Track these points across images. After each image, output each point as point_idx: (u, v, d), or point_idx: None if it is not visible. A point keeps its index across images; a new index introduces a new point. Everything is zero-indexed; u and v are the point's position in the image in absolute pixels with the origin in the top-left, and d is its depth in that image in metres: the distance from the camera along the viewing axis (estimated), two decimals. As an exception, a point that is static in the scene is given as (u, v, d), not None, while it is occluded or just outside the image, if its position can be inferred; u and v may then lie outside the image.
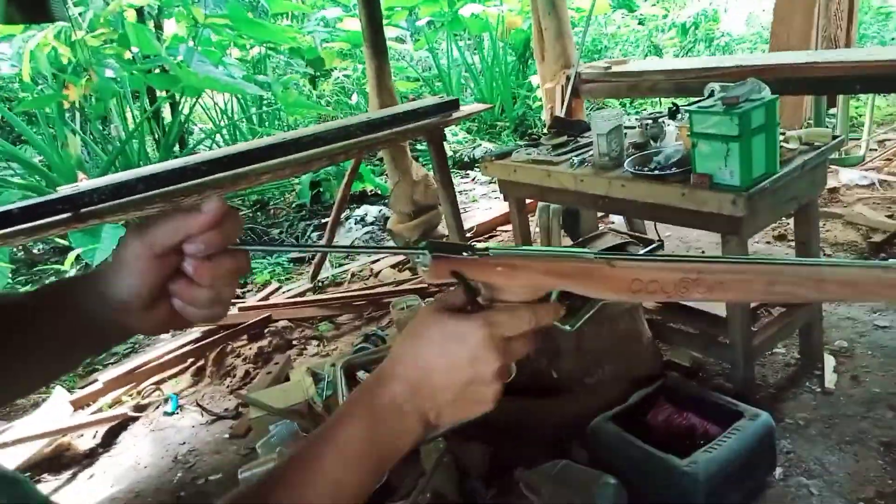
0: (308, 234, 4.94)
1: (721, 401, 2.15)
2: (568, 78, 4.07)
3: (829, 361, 2.55)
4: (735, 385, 2.35)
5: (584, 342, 2.38)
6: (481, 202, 5.23)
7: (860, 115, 4.85)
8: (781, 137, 2.21)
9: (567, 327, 0.65)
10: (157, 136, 5.72)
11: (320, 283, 3.85)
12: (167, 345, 3.41)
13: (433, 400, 0.58)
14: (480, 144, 6.32)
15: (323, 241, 3.99)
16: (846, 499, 1.97)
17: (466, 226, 4.32)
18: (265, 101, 6.12)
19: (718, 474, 1.88)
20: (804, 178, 2.19)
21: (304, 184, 5.33)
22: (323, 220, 5.10)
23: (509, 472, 2.16)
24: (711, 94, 2.24)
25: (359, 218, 4.98)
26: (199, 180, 2.74)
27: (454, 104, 3.56)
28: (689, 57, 7.87)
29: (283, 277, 4.18)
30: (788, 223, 3.55)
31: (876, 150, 4.71)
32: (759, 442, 1.99)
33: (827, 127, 4.73)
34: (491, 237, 4.44)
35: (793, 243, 3.27)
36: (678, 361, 2.67)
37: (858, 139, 4.76)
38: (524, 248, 0.61)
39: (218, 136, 6.06)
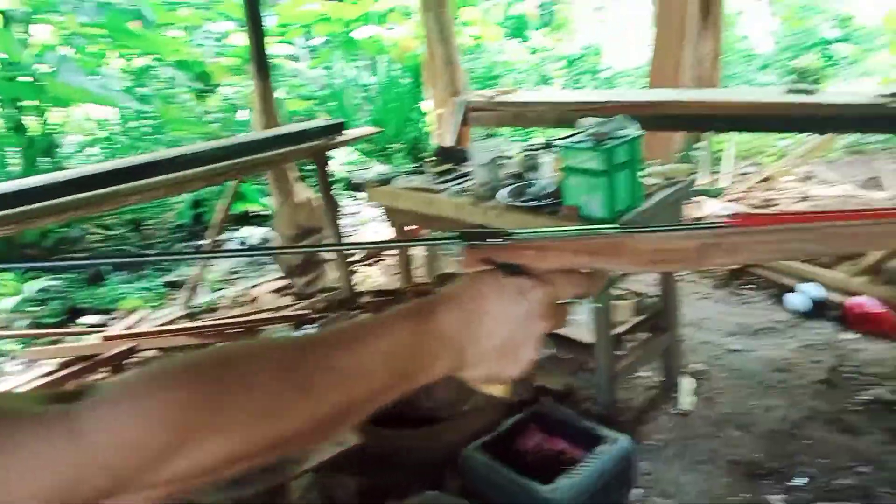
0: (187, 255, 4.73)
1: (586, 425, 2.23)
2: (457, 105, 4.16)
3: (686, 385, 2.71)
4: (600, 408, 2.44)
5: (458, 369, 2.40)
6: (371, 225, 5.21)
7: (723, 150, 5.24)
8: (644, 173, 2.35)
9: (595, 303, 0.65)
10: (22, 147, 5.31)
11: (195, 310, 3.68)
12: (18, 377, 3.14)
13: (476, 342, 0.57)
14: (373, 166, 6.31)
15: (198, 266, 3.83)
16: (696, 517, 2.09)
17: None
18: (146, 115, 5.84)
19: (579, 499, 1.94)
20: (665, 211, 2.33)
21: (185, 204, 5.11)
22: (202, 243, 4.90)
23: (381, 502, 2.13)
24: (587, 127, 2.34)
25: (241, 241, 4.82)
26: (56, 201, 2.56)
27: (340, 127, 3.54)
28: (576, 89, 8.25)
29: (154, 303, 3.97)
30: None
31: (736, 182, 5.10)
32: (618, 465, 2.08)
33: (695, 160, 5.09)
34: (378, 261, 4.43)
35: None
36: (550, 387, 2.74)
37: (720, 172, 5.14)
38: (551, 229, 0.62)
39: (93, 149, 5.70)
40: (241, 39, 6.68)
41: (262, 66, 3.62)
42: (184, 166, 2.98)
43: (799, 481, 2.21)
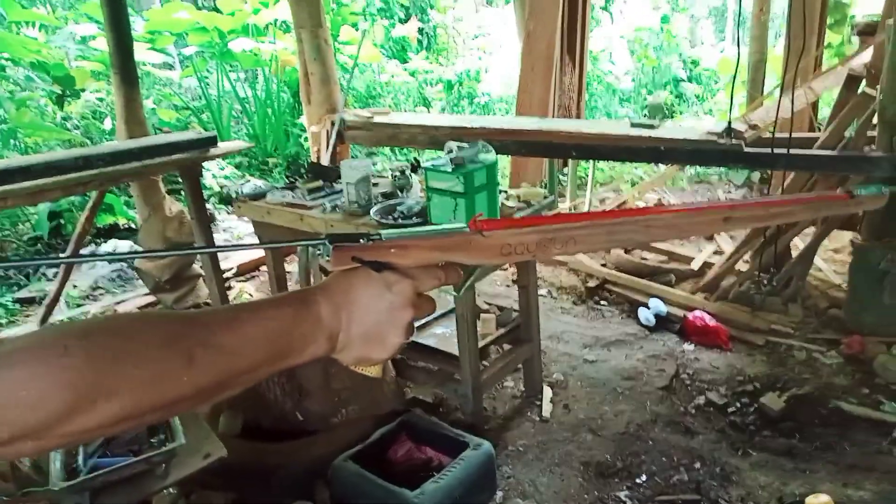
0: (41, 270, 4.41)
1: (452, 433, 2.34)
2: (332, 123, 4.21)
3: (547, 393, 2.91)
4: (467, 417, 2.57)
5: (330, 382, 2.44)
6: (246, 240, 5.11)
7: (587, 176, 5.63)
8: (503, 195, 2.52)
9: (455, 294, 0.70)
10: None
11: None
12: None
13: (347, 328, 0.65)
14: (249, 181, 6.18)
15: (57, 281, 3.59)
16: (551, 514, 2.25)
17: (227, 265, 4.20)
18: (-3, 119, 5.40)
19: (443, 501, 2.04)
20: (523, 231, 2.51)
21: (41, 214, 4.76)
22: (61, 255, 4.59)
23: (249, 519, 2.13)
24: (451, 152, 2.48)
25: (107, 253, 4.56)
26: None
27: (212, 140, 3.47)
28: (455, 113, 8.52)
29: (4, 321, 3.67)
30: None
31: (597, 207, 5.49)
32: (480, 469, 2.20)
33: (562, 184, 5.44)
34: (252, 277, 4.36)
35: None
36: (422, 397, 2.85)
37: (585, 197, 5.51)
38: (412, 230, 0.67)
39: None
40: (104, 43, 6.37)
41: (126, 71, 3.49)
42: (40, 174, 2.82)
43: (642, 479, 2.44)
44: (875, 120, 3.05)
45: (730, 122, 2.89)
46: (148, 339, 0.55)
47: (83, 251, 4.06)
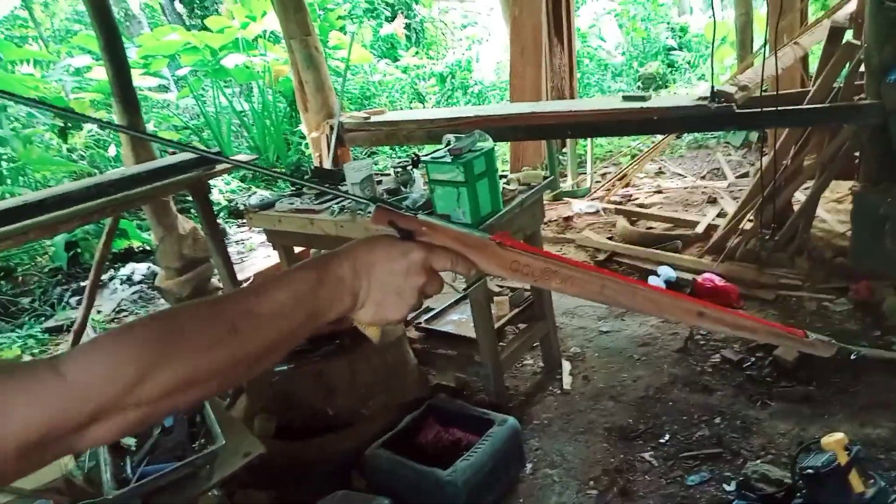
0: (65, 299, 4.54)
1: (477, 413, 2.43)
2: (331, 128, 4.29)
3: (566, 366, 2.99)
4: (490, 396, 2.65)
5: (356, 376, 2.54)
6: (259, 250, 5.21)
7: (586, 153, 5.69)
8: (503, 180, 2.60)
9: (459, 291, 0.78)
10: None
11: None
12: None
13: (367, 288, 0.73)
14: (255, 192, 6.29)
15: (82, 308, 3.71)
16: (580, 480, 2.34)
17: (242, 276, 4.30)
18: (3, 157, 5.52)
19: (475, 478, 2.13)
20: (525, 212, 2.59)
21: (57, 245, 4.89)
22: (82, 284, 4.72)
23: (292, 512, 2.22)
24: (449, 143, 2.56)
25: (125, 277, 4.69)
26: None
27: (219, 155, 3.56)
28: (450, 105, 8.58)
29: (36, 351, 3.80)
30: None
31: (600, 182, 5.55)
32: (508, 444, 2.29)
33: (559, 165, 5.49)
34: (269, 285, 4.46)
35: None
36: (445, 383, 2.93)
37: (586, 174, 5.58)
38: (443, 221, 0.76)
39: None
40: (103, 73, 6.49)
41: (128, 99, 3.59)
42: (54, 207, 2.92)
43: (665, 438, 2.52)
44: (862, 69, 3.10)
45: (713, 87, 2.94)
46: (193, 316, 0.64)
47: (103, 277, 4.19)
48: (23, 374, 0.54)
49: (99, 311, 4.22)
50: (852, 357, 0.91)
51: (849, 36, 3.36)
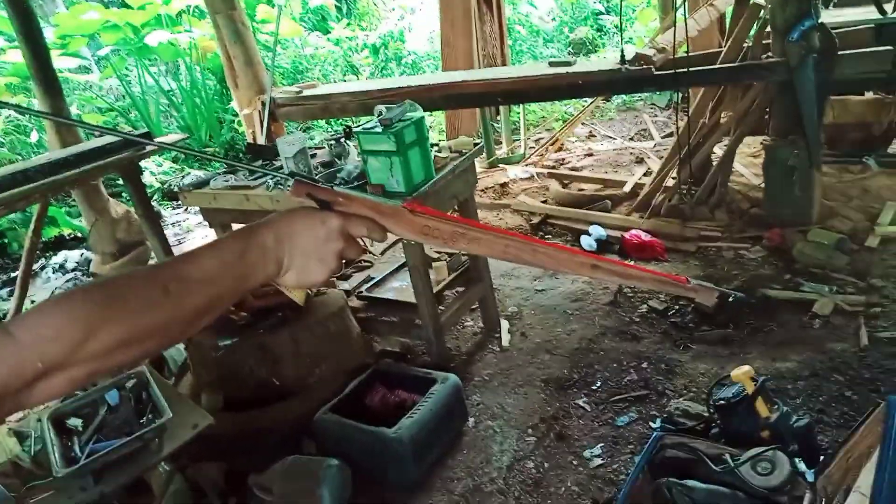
0: (-4, 291, 4.41)
1: (420, 373, 2.54)
2: (263, 103, 4.26)
3: (504, 325, 3.12)
4: (433, 358, 2.76)
5: (300, 347, 2.60)
6: (197, 231, 5.16)
7: (519, 121, 5.80)
8: (435, 148, 2.67)
9: (377, 254, 0.85)
10: None
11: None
12: None
13: (290, 254, 0.79)
14: (189, 173, 6.17)
15: (15, 298, 3.63)
16: (519, 429, 2.48)
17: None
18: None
19: (420, 434, 2.24)
20: (458, 179, 2.67)
21: (-18, 236, 4.73)
22: (12, 275, 4.58)
23: (245, 481, 2.29)
24: (380, 114, 2.61)
25: (57, 266, 4.58)
26: None
27: (146, 137, 3.51)
28: (381, 78, 8.53)
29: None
30: (470, 216, 4.18)
31: (533, 147, 5.69)
32: (450, 400, 2.40)
33: (493, 132, 5.59)
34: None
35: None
36: (389, 348, 3.03)
37: (520, 140, 5.69)
38: (357, 192, 0.83)
39: None
40: (19, 56, 6.20)
41: (48, 82, 3.49)
42: (-22, 195, 2.85)
43: (597, 385, 2.69)
44: (769, 29, 3.28)
45: (622, 51, 3.09)
46: (130, 282, 0.71)
47: (35, 266, 4.09)
48: None
49: (32, 301, 4.11)
50: (730, 300, 1.04)
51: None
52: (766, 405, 1.96)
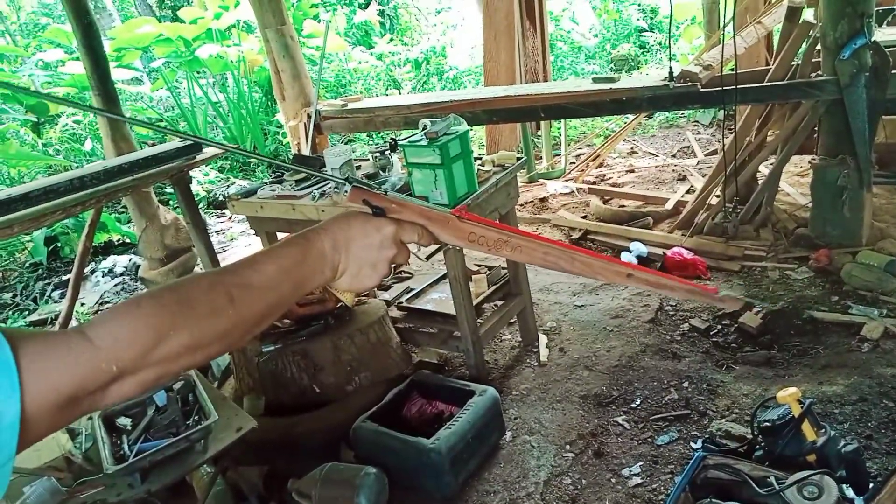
0: (48, 293, 4.57)
1: (458, 385, 2.54)
2: (309, 116, 4.35)
3: (543, 340, 3.11)
4: (471, 370, 2.77)
5: (341, 355, 2.64)
6: (241, 239, 5.27)
7: (560, 136, 5.80)
8: (478, 161, 2.70)
9: (424, 259, 0.87)
10: None
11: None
12: None
13: (346, 260, 0.82)
14: (234, 182, 6.33)
15: (67, 300, 3.76)
16: (557, 444, 2.46)
17: (225, 264, 4.37)
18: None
19: (458, 445, 2.25)
20: (500, 192, 2.69)
21: (37, 240, 4.91)
22: (64, 278, 4.75)
23: (284, 485, 2.32)
24: (424, 128, 2.64)
25: (107, 270, 4.73)
26: None
27: (197, 147, 3.62)
28: (422, 92, 8.63)
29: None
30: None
31: (574, 163, 5.67)
32: (488, 412, 2.40)
33: (534, 147, 5.60)
34: (252, 273, 4.53)
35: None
36: (427, 359, 3.04)
37: (560, 155, 5.69)
38: (410, 197, 0.86)
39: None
40: (74, 67, 6.46)
41: (107, 93, 3.63)
42: (38, 200, 2.97)
43: (636, 403, 2.66)
44: (819, 46, 3.23)
45: (671, 68, 3.06)
46: (196, 288, 0.73)
47: (85, 270, 4.22)
48: (57, 340, 0.62)
49: (82, 304, 4.26)
50: (756, 311, 1.03)
51: (807, 15, 3.49)
52: (813, 429, 1.92)
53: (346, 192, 0.85)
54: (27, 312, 4.30)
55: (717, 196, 3.87)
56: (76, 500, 1.83)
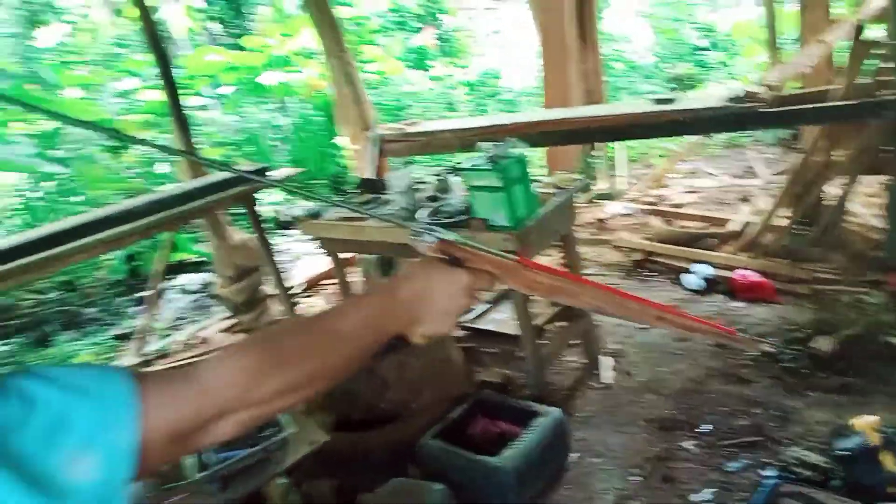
0: (127, 309, 4.81)
1: (522, 405, 2.56)
2: (371, 140, 4.47)
3: (607, 362, 3.10)
4: (534, 391, 2.78)
5: (405, 372, 2.69)
6: (304, 259, 5.42)
7: (616, 156, 5.78)
8: (538, 184, 2.73)
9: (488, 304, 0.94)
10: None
11: (148, 357, 3.81)
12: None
13: (423, 308, 0.86)
14: (297, 203, 6.52)
15: (144, 316, 3.95)
16: (624, 468, 2.45)
17: (294, 282, 4.51)
18: (62, 178, 5.84)
19: (524, 464, 2.26)
20: (560, 214, 2.71)
21: (117, 259, 5.18)
22: (142, 294, 4.98)
23: (354, 498, 2.38)
24: (486, 151, 2.70)
25: (180, 287, 4.94)
26: (7, 266, 2.69)
27: (264, 171, 3.78)
28: (480, 113, 8.73)
29: (105, 357, 4.05)
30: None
31: (633, 183, 5.64)
32: (553, 433, 2.41)
33: (592, 168, 5.60)
34: (318, 291, 4.66)
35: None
36: (490, 379, 3.07)
37: (619, 176, 5.66)
38: (483, 246, 0.91)
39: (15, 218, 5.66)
40: (149, 95, 6.81)
41: (181, 119, 3.83)
42: (120, 222, 3.15)
43: (705, 428, 2.62)
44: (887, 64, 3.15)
45: (737, 92, 3.04)
46: (288, 336, 0.80)
47: (161, 286, 4.42)
48: (172, 379, 0.70)
49: (159, 319, 4.45)
50: (770, 349, 1.07)
51: (872, 32, 3.41)
52: (893, 458, 1.87)
53: (427, 240, 0.89)
54: (109, 326, 4.52)
55: (784, 217, 3.79)
56: (161, 507, 1.93)
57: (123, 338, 4.26)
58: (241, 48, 7.90)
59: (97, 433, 0.58)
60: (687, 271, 3.82)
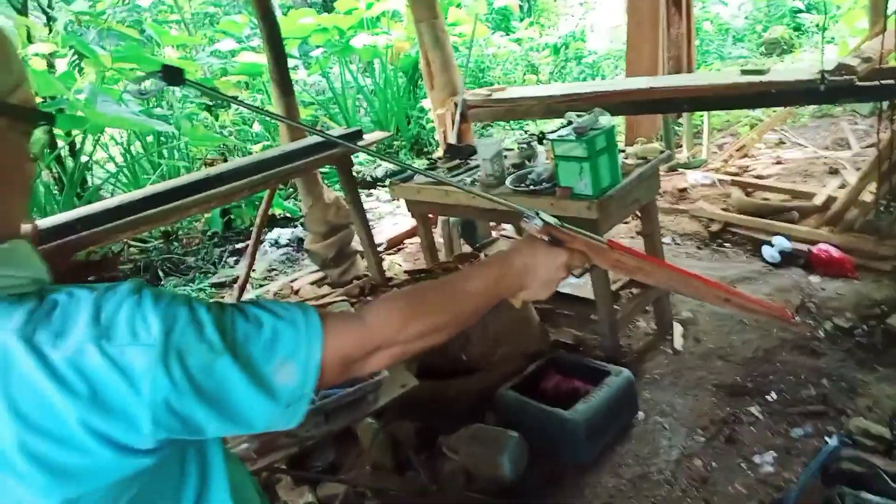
0: (224, 259, 5.22)
1: (594, 365, 2.73)
2: (455, 105, 4.62)
3: (678, 328, 3.21)
4: (606, 352, 2.94)
5: (487, 329, 2.90)
6: (387, 219, 5.69)
7: (701, 124, 5.70)
8: (622, 154, 2.84)
9: (576, 278, 1.13)
10: (58, 176, 5.77)
11: (246, 304, 4.17)
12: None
13: (529, 278, 1.04)
14: (380, 165, 6.79)
15: (243, 266, 4.31)
16: (688, 427, 2.59)
17: (377, 241, 4.78)
18: (163, 136, 6.30)
19: (593, 418, 2.44)
20: (642, 184, 2.82)
21: (214, 213, 5.59)
22: (237, 246, 5.39)
23: (435, 440, 2.63)
24: (570, 122, 2.82)
25: (273, 241, 5.31)
26: (135, 216, 3.04)
27: (359, 134, 4.01)
28: (562, 76, 8.68)
29: (208, 302, 4.45)
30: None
31: (716, 152, 5.57)
32: (622, 392, 2.58)
33: (678, 135, 5.56)
34: (399, 249, 4.92)
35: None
36: (563, 340, 3.24)
37: (702, 144, 5.61)
38: (578, 230, 1.08)
39: (121, 175, 6.16)
40: (248, 57, 7.17)
41: (285, 84, 4.10)
42: (229, 179, 3.46)
43: (771, 396, 2.71)
44: None
45: (822, 71, 3.01)
46: (431, 291, 1.00)
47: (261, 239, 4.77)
48: (345, 316, 0.91)
49: (254, 270, 4.83)
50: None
51: None
52: (958, 433, 1.94)
53: (536, 223, 1.09)
54: (209, 275, 4.95)
55: (872, 192, 3.73)
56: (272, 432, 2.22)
57: (220, 286, 4.66)
58: (329, 11, 8.14)
59: (297, 349, 0.80)
60: (766, 244, 3.83)
